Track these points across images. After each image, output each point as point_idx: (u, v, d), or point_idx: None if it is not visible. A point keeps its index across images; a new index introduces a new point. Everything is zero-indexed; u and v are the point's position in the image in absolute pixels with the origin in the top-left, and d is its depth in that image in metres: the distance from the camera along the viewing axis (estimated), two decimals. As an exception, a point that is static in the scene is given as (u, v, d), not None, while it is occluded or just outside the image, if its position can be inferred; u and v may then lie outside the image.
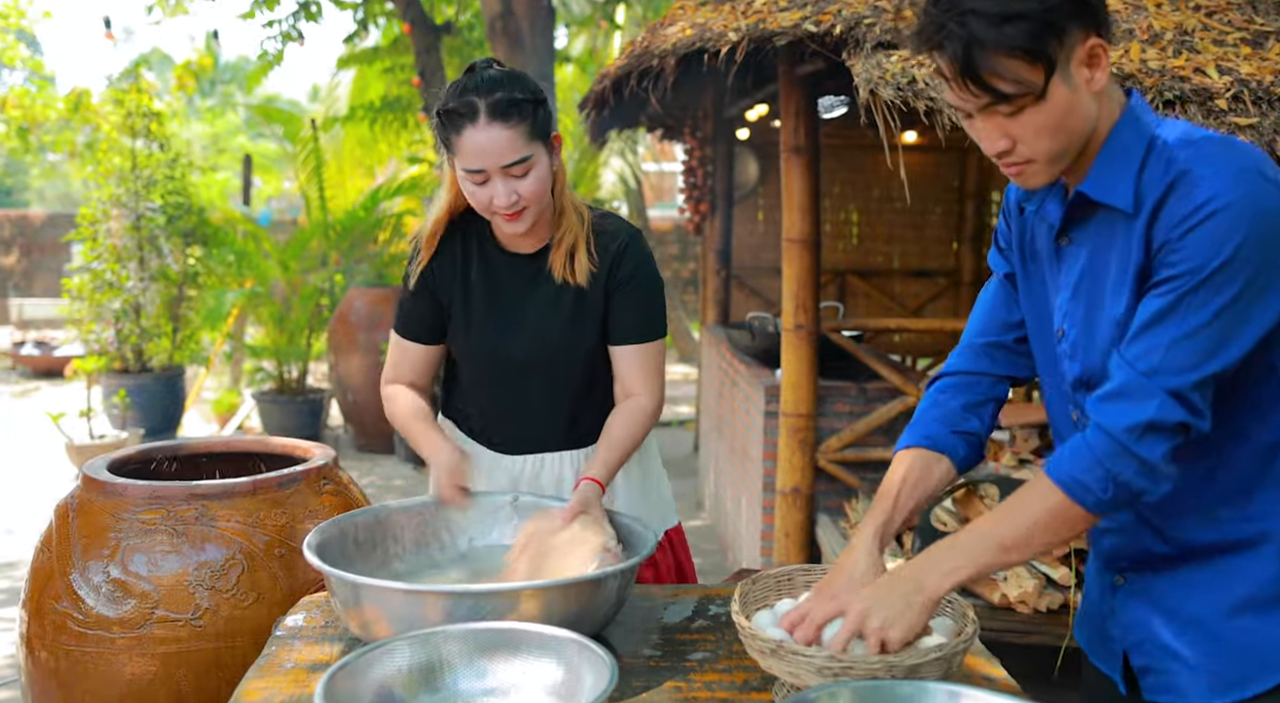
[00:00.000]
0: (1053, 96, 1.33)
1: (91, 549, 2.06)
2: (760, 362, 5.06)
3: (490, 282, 2.08)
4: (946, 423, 1.65)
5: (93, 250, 7.89)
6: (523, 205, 1.92)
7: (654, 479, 2.26)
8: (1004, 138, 1.38)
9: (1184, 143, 1.35)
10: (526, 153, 1.88)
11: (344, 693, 1.32)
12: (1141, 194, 1.37)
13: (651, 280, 2.07)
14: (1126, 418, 1.34)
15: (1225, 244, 1.28)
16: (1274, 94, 2.68)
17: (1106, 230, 1.42)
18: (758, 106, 5.81)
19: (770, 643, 1.43)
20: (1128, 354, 1.36)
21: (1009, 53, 1.31)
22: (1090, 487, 1.36)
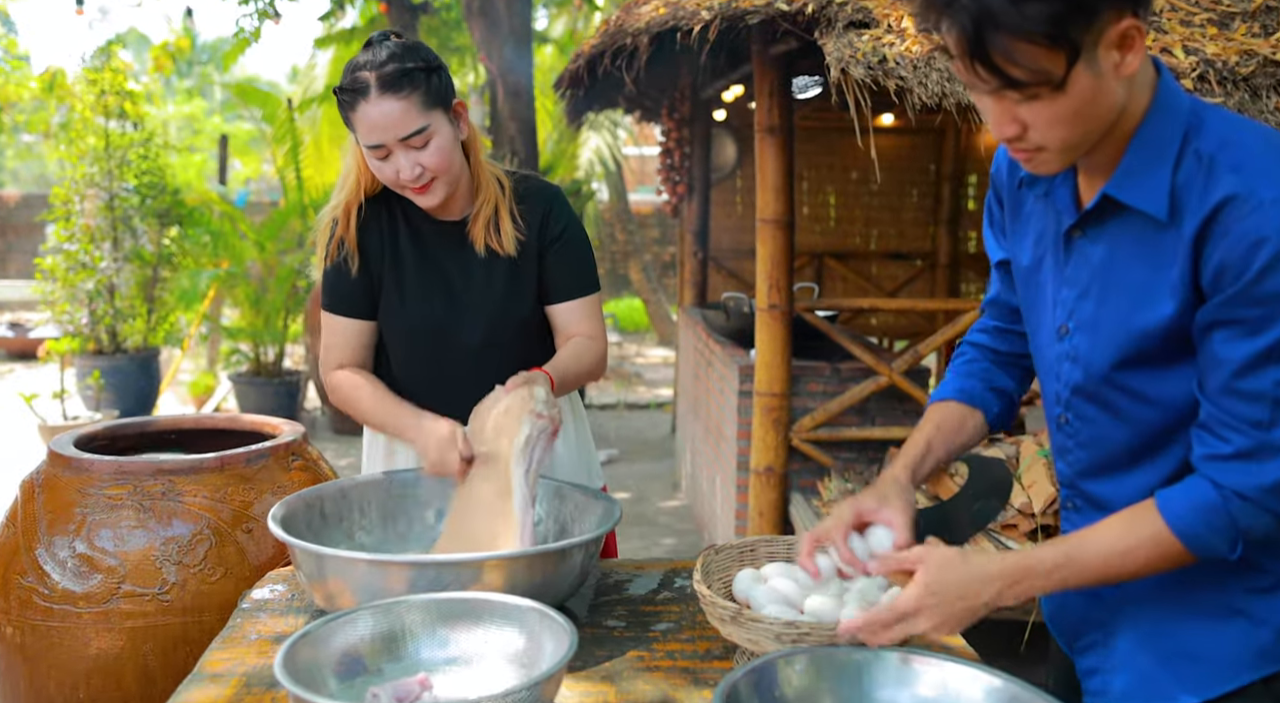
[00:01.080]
0: (1074, 85, 1.18)
1: (57, 525, 2.06)
2: (735, 342, 5.08)
3: (419, 250, 2.05)
4: (981, 378, 1.62)
5: (65, 231, 7.83)
6: (429, 176, 1.90)
7: (583, 443, 2.26)
8: (1014, 123, 1.24)
9: (1224, 144, 1.23)
10: (423, 123, 1.86)
11: (305, 662, 1.32)
12: (1179, 201, 1.24)
13: (581, 235, 2.10)
14: (1258, 478, 1.24)
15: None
16: (1239, 74, 2.70)
17: (1132, 233, 1.31)
18: (734, 87, 5.82)
19: (730, 610, 1.44)
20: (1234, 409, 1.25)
21: (1026, 36, 1.13)
22: (1216, 547, 1.28)
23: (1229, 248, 1.20)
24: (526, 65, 7.28)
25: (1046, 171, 1.31)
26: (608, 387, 10.17)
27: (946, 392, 1.62)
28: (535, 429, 1.73)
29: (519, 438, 1.72)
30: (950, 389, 1.62)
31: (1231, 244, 1.19)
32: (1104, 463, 1.45)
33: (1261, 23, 2.92)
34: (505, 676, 1.40)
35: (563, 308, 2.08)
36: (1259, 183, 1.19)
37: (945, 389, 1.63)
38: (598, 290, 2.12)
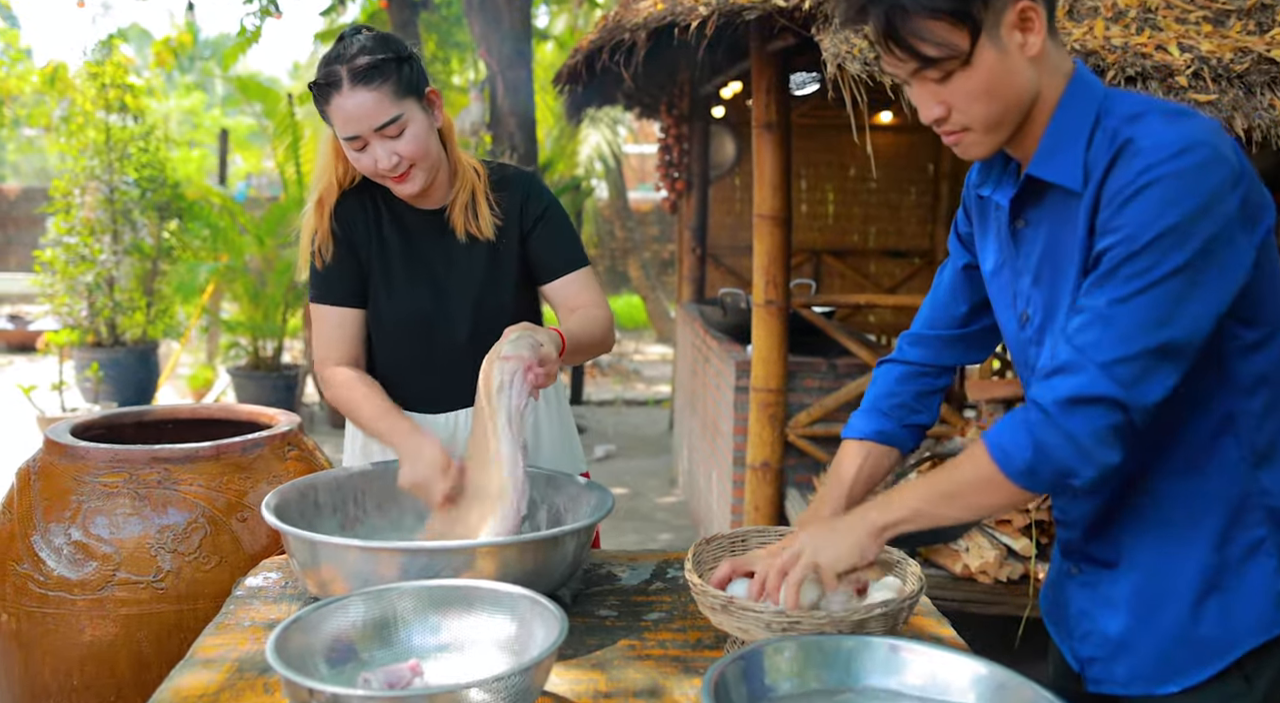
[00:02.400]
0: (980, 60, 1.30)
1: (53, 512, 2.07)
2: (732, 337, 5.09)
3: (404, 238, 2.07)
4: (898, 417, 1.69)
5: (65, 224, 7.84)
6: (407, 165, 1.93)
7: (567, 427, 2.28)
8: (938, 104, 1.36)
9: (1131, 116, 1.31)
10: (396, 112, 1.88)
11: (297, 647, 1.33)
12: (1090, 172, 1.33)
13: (562, 214, 2.12)
14: (1056, 391, 1.29)
15: (1166, 213, 1.23)
16: (1233, 71, 2.71)
17: (1061, 211, 1.38)
18: (732, 84, 5.82)
19: (721, 599, 1.45)
20: (1068, 329, 1.32)
21: (932, 14, 1.28)
22: (1012, 454, 1.33)
23: (1110, 185, 1.29)
24: (526, 61, 7.28)
25: (977, 154, 1.40)
26: (606, 383, 10.18)
27: (866, 430, 1.69)
28: (506, 373, 1.69)
29: (493, 386, 1.70)
30: (869, 427, 1.69)
31: (1112, 182, 1.29)
32: None
33: (1256, 20, 2.92)
34: (496, 662, 1.41)
35: (558, 285, 2.08)
36: (1148, 137, 1.27)
37: (867, 427, 1.69)
38: (588, 264, 2.11)
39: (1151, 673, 1.45)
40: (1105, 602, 1.49)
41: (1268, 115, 2.73)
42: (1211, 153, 1.25)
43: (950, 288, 1.68)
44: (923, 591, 1.52)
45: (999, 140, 1.38)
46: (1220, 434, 1.39)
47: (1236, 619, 1.41)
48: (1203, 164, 1.24)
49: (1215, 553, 1.40)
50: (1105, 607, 1.49)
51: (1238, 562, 1.40)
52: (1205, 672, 1.41)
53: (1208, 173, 1.25)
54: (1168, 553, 1.42)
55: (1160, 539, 1.43)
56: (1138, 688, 1.46)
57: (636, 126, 14.98)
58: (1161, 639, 1.44)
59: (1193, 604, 1.42)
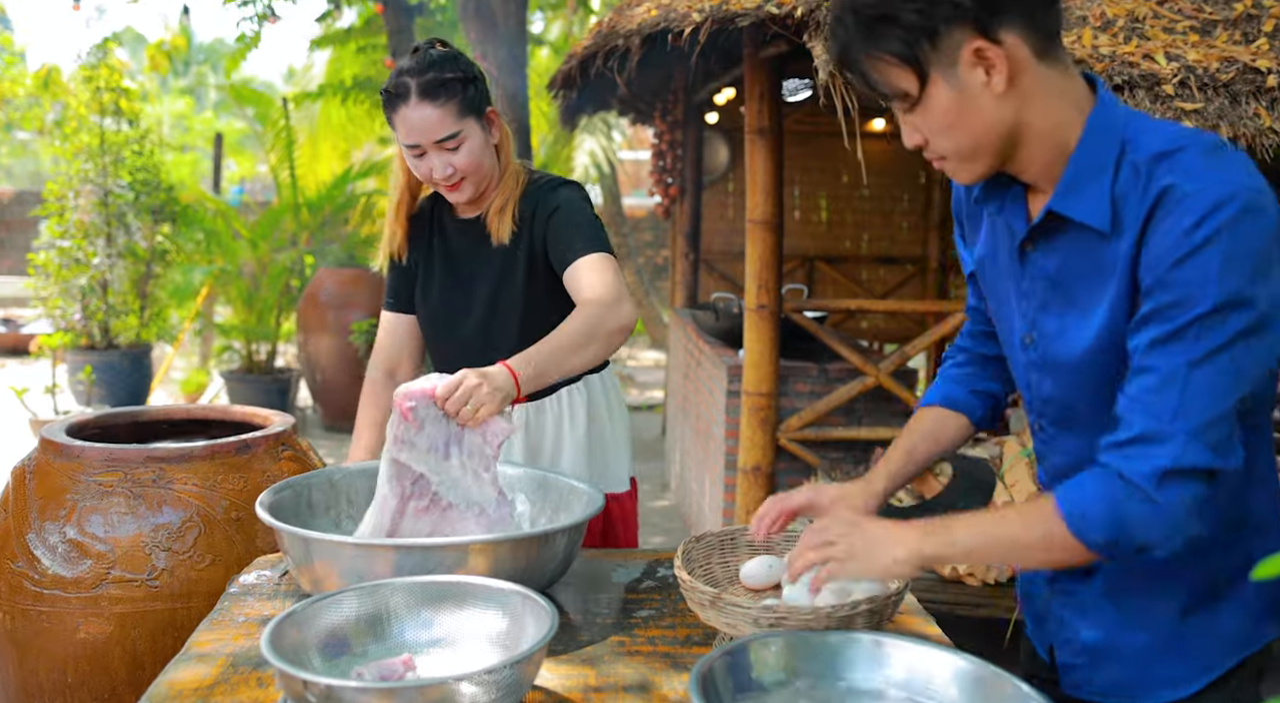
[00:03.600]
0: (932, 100, 1.29)
1: (48, 511, 2.08)
2: (724, 342, 5.11)
3: (445, 247, 2.22)
4: (965, 383, 1.68)
5: (59, 227, 7.84)
6: (459, 177, 2.07)
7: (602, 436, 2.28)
8: (915, 132, 1.35)
9: (1162, 155, 1.26)
10: (456, 129, 2.02)
11: (291, 642, 1.35)
12: (1119, 212, 1.28)
13: (576, 206, 2.12)
14: (1146, 464, 1.22)
15: (1229, 272, 1.19)
16: (1219, 81, 2.74)
17: (1078, 243, 1.34)
18: (725, 90, 5.85)
19: (709, 595, 1.47)
20: (1132, 393, 1.26)
21: (878, 57, 1.28)
22: (1093, 525, 1.25)
23: (1159, 241, 1.23)
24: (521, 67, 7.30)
25: (964, 180, 1.39)
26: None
27: (932, 397, 1.69)
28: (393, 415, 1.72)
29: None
30: (936, 395, 1.69)
31: (1161, 237, 1.23)
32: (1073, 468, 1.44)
33: (1242, 30, 2.96)
34: (488, 656, 1.43)
35: (571, 270, 2.05)
36: (1191, 182, 1.22)
37: (931, 395, 1.70)
38: (607, 252, 2.06)
39: (1132, 686, 1.46)
40: (1081, 611, 1.50)
41: (1253, 124, 2.76)
42: (1257, 196, 1.22)
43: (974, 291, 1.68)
44: (907, 587, 1.54)
45: (982, 168, 1.36)
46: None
47: (1220, 636, 1.41)
48: (1253, 211, 1.20)
49: (1202, 570, 1.40)
50: (1082, 616, 1.50)
51: (1224, 580, 1.40)
52: (1189, 687, 1.42)
53: (1259, 221, 1.21)
54: (1151, 567, 1.41)
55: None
56: (1115, 699, 1.47)
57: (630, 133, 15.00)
58: (1145, 653, 1.44)
59: (1177, 620, 1.42)
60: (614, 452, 2.31)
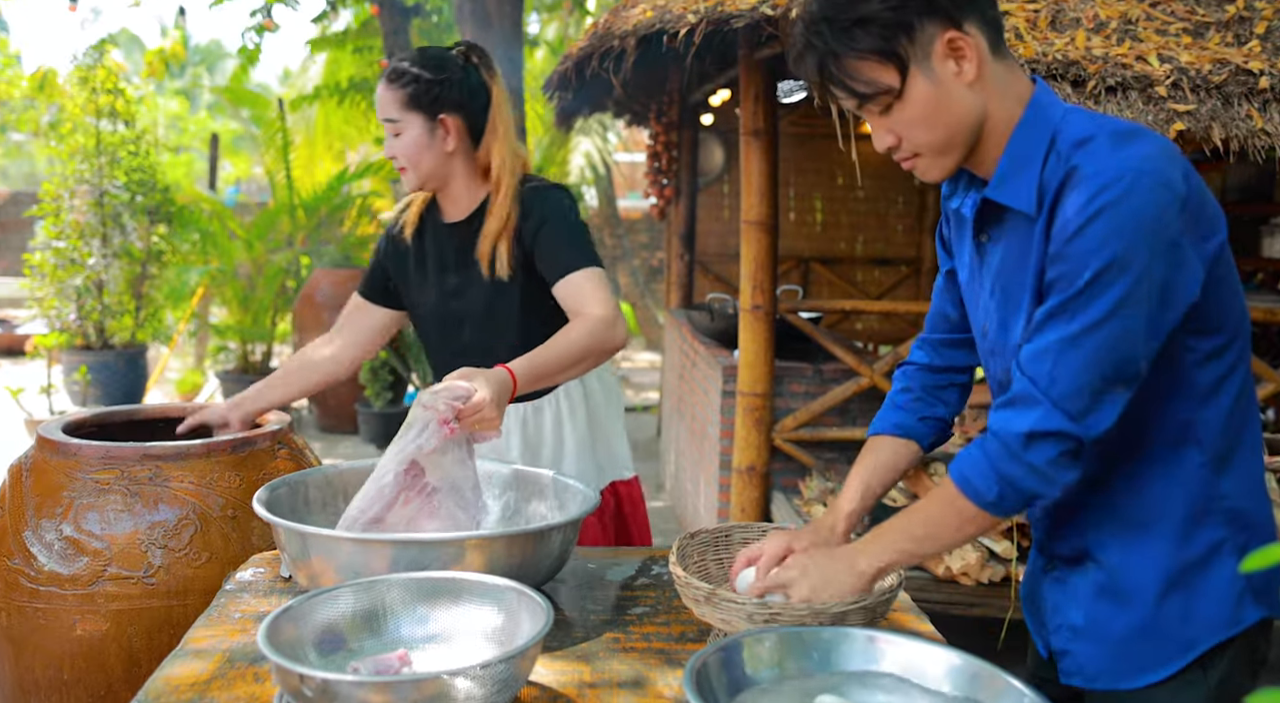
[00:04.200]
0: (913, 93, 1.35)
1: (45, 508, 2.09)
2: (719, 342, 5.12)
3: (429, 246, 2.32)
4: (913, 411, 1.73)
5: (55, 227, 7.84)
6: (400, 164, 2.21)
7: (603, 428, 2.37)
8: (888, 134, 1.41)
9: (1079, 141, 1.33)
10: (395, 116, 2.17)
11: (287, 637, 1.36)
12: (1043, 196, 1.36)
13: (562, 219, 2.18)
14: (1013, 425, 1.36)
15: (1106, 246, 1.27)
16: (1211, 82, 2.76)
17: (1017, 231, 1.42)
18: (721, 91, 5.86)
19: (704, 590, 1.48)
20: (1020, 358, 1.37)
21: (860, 56, 1.34)
22: (979, 488, 1.39)
23: (1059, 218, 1.32)
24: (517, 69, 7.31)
25: (934, 177, 1.45)
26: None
27: (884, 426, 1.74)
28: (415, 418, 1.74)
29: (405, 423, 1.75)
30: (887, 423, 1.74)
31: (1061, 214, 1.32)
32: None
33: (1234, 32, 2.98)
34: (483, 652, 1.43)
35: (562, 285, 2.13)
36: (1091, 163, 1.30)
37: (883, 423, 1.74)
38: (596, 265, 2.14)
39: (1115, 668, 1.49)
40: (1073, 597, 1.53)
41: (1245, 125, 2.78)
42: (1153, 178, 1.27)
43: (941, 293, 1.73)
44: (901, 585, 1.55)
45: (952, 163, 1.43)
46: (1180, 442, 1.42)
47: (1198, 618, 1.44)
48: (1142, 191, 1.26)
49: (1176, 553, 1.44)
50: (1073, 602, 1.53)
51: (1199, 562, 1.44)
52: (1167, 669, 1.45)
53: (1147, 200, 1.26)
54: (1129, 552, 1.46)
55: (1122, 538, 1.47)
56: (1103, 683, 1.50)
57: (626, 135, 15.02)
58: (1124, 635, 1.47)
59: (1154, 602, 1.45)
60: (616, 441, 2.39)
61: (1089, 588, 1.51)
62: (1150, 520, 1.44)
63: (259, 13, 8.18)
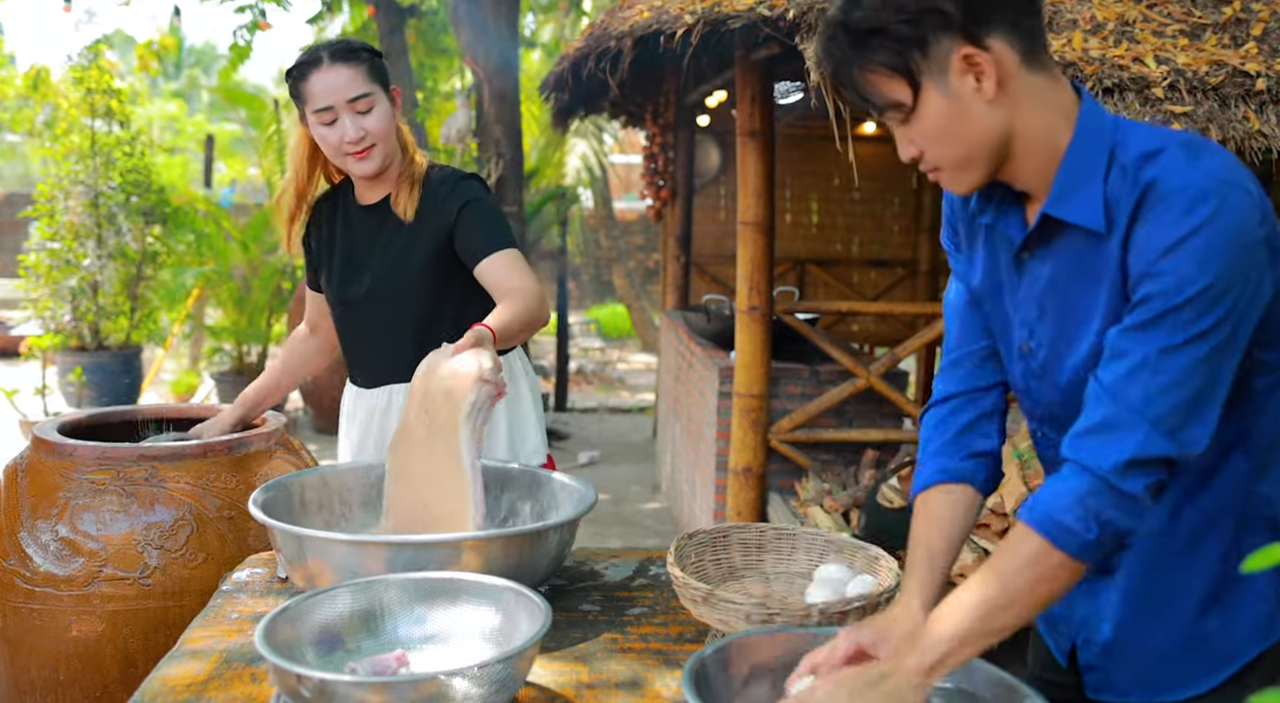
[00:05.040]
0: (925, 108, 1.31)
1: (40, 509, 2.08)
2: (716, 344, 5.12)
3: (346, 233, 2.33)
4: (955, 453, 1.53)
5: (49, 228, 7.83)
6: (370, 142, 2.15)
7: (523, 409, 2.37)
8: (910, 145, 1.36)
9: (1147, 154, 1.28)
10: (368, 90, 2.14)
11: (285, 637, 1.36)
12: (1113, 212, 1.30)
13: (487, 206, 2.22)
14: (1108, 454, 1.23)
15: (1208, 265, 1.21)
16: (1208, 84, 2.76)
17: (1073, 247, 1.35)
18: (717, 93, 5.87)
19: (702, 591, 1.48)
20: (1104, 381, 1.26)
21: (870, 69, 1.30)
22: (1075, 532, 1.23)
23: (1144, 237, 1.25)
24: (513, 69, 7.30)
25: (957, 191, 1.39)
26: (590, 391, 10.20)
27: (929, 477, 1.53)
28: (481, 395, 1.73)
29: (465, 404, 1.72)
30: (930, 473, 1.53)
31: (1146, 233, 1.25)
32: None
33: (1231, 34, 2.98)
34: (481, 652, 1.43)
35: (483, 268, 2.15)
36: (1173, 178, 1.24)
37: (926, 474, 1.54)
38: (513, 248, 2.18)
39: (1152, 682, 1.45)
40: (1103, 610, 1.49)
41: (1242, 127, 2.78)
42: (1240, 191, 1.24)
43: (967, 301, 1.58)
44: (899, 585, 1.55)
45: (977, 177, 1.37)
46: (1232, 449, 1.38)
47: (1238, 631, 1.41)
48: (1234, 205, 1.22)
49: (1220, 566, 1.40)
50: (1103, 615, 1.49)
51: (1238, 574, 1.39)
52: (1209, 681, 1.42)
53: (1239, 214, 1.23)
54: (1169, 564, 1.41)
55: (1162, 550, 1.42)
56: (1137, 696, 1.47)
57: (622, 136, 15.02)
58: (1163, 649, 1.44)
59: (1195, 616, 1.41)
60: (532, 425, 2.38)
61: (1117, 597, 1.47)
62: (1194, 532, 1.39)
63: (249, 9, 8.17)
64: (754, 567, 1.78)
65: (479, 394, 1.73)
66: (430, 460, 1.78)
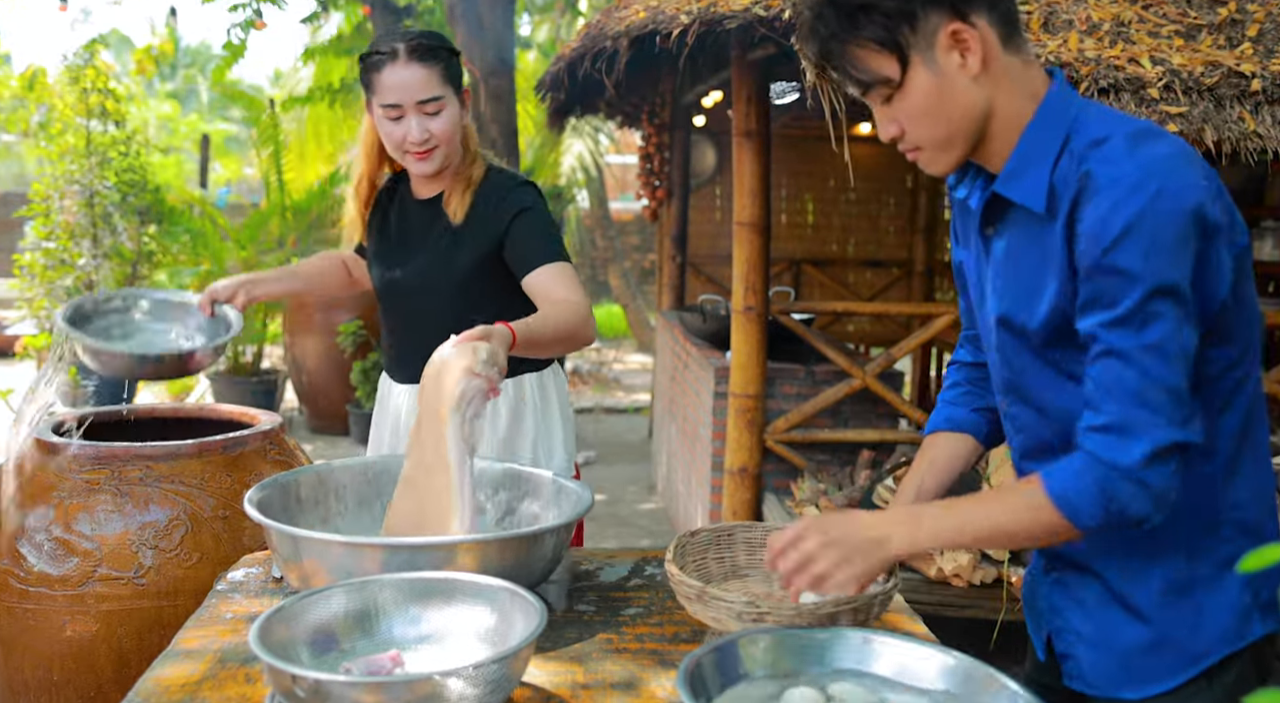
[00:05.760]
0: (913, 84, 1.33)
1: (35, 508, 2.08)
2: (711, 344, 5.12)
3: (401, 223, 2.31)
4: (964, 402, 1.68)
5: (45, 228, 7.81)
6: (434, 144, 2.13)
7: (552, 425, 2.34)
8: (891, 123, 1.39)
9: (1095, 141, 1.31)
10: (439, 93, 2.10)
11: (279, 637, 1.35)
12: (1057, 195, 1.33)
13: (539, 214, 2.18)
14: (1129, 451, 1.27)
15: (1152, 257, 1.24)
16: (1203, 84, 2.77)
17: (1023, 225, 1.40)
18: (713, 93, 5.87)
19: (695, 588, 1.48)
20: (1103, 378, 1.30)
21: (859, 44, 1.32)
22: (1081, 510, 1.30)
23: (1085, 226, 1.28)
24: (509, 69, 7.30)
25: (938, 170, 1.43)
26: (586, 391, 10.20)
27: (936, 423, 1.69)
28: (470, 388, 1.67)
29: (452, 396, 1.67)
30: (939, 419, 1.69)
31: (1087, 222, 1.28)
32: (1037, 448, 1.51)
33: (1226, 35, 2.99)
34: (476, 653, 1.43)
35: (531, 279, 2.12)
36: (1108, 165, 1.27)
37: (935, 420, 1.69)
38: (568, 262, 2.14)
39: (1117, 677, 1.47)
40: (1076, 602, 1.51)
41: (1237, 127, 2.79)
42: (1174, 178, 1.25)
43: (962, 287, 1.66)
44: (895, 587, 1.55)
45: (955, 157, 1.41)
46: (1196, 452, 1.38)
47: (1206, 631, 1.42)
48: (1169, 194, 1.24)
49: (1186, 565, 1.42)
50: (1076, 607, 1.51)
51: (1209, 575, 1.41)
52: (1173, 680, 1.43)
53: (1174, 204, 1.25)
54: (1138, 562, 1.44)
55: (1130, 548, 1.44)
56: (1103, 690, 1.48)
57: (618, 137, 15.02)
58: (1131, 647, 1.45)
59: (1163, 614, 1.43)
60: (562, 442, 2.36)
61: (1091, 595, 1.49)
62: (1160, 530, 1.39)
63: (243, 7, 8.15)
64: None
65: (467, 386, 1.67)
66: (421, 453, 1.76)
